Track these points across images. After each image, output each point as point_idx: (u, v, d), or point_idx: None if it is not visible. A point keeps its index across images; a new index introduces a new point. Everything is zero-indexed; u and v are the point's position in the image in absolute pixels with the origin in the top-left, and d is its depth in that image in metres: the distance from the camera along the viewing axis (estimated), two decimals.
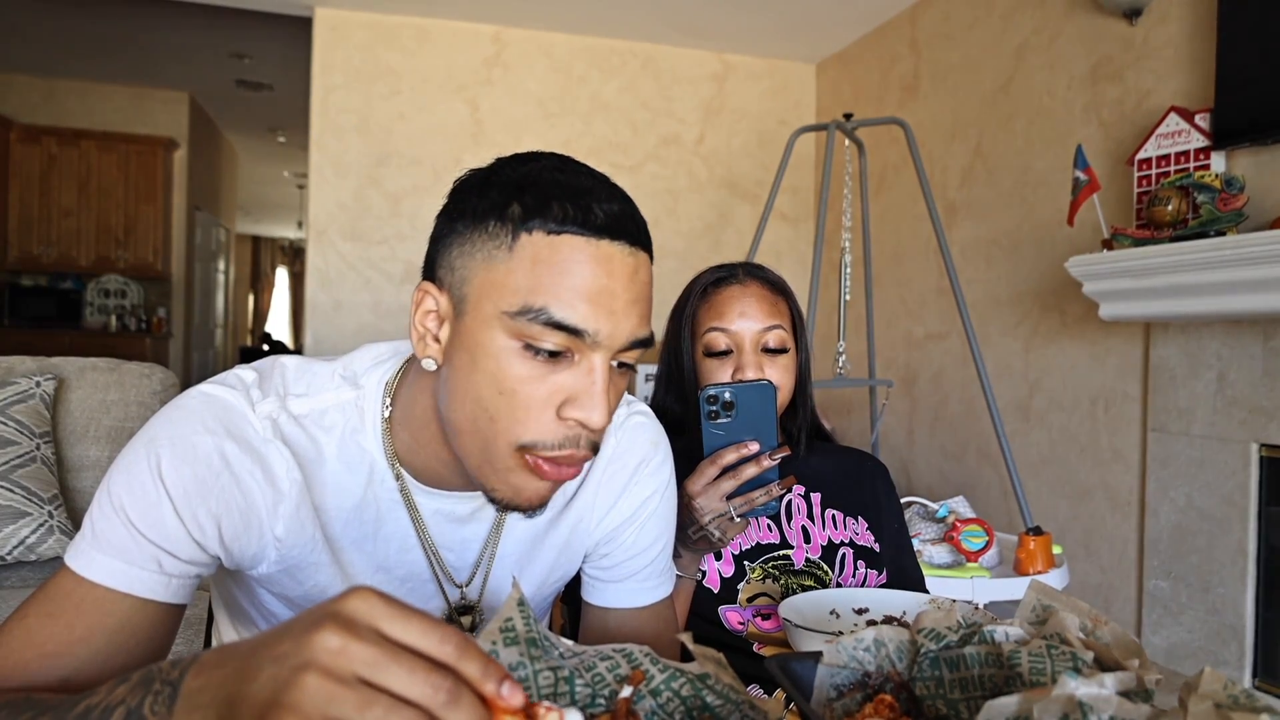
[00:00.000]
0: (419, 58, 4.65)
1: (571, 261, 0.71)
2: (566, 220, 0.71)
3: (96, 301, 7.32)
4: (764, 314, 1.26)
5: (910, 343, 4.28)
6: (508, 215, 0.72)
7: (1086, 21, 3.24)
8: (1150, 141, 2.78)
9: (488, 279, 0.73)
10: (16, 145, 6.91)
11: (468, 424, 0.75)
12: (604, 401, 0.73)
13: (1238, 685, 0.50)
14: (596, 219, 0.72)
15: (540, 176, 0.74)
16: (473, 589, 0.91)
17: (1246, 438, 2.58)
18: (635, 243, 0.75)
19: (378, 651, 0.45)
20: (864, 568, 1.27)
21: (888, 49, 4.52)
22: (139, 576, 0.75)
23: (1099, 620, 0.63)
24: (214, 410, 0.79)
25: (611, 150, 4.91)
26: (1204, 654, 2.69)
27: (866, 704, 0.60)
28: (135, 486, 0.76)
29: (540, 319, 0.70)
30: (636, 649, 0.61)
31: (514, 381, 0.72)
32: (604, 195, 0.75)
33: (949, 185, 3.99)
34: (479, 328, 0.73)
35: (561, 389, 0.73)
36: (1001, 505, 3.61)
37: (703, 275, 1.35)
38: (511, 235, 0.72)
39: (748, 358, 1.24)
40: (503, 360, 0.72)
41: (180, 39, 5.95)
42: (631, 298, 0.74)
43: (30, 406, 2.03)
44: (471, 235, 0.74)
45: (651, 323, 0.78)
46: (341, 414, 0.83)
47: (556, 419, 0.73)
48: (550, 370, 0.72)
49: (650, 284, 0.77)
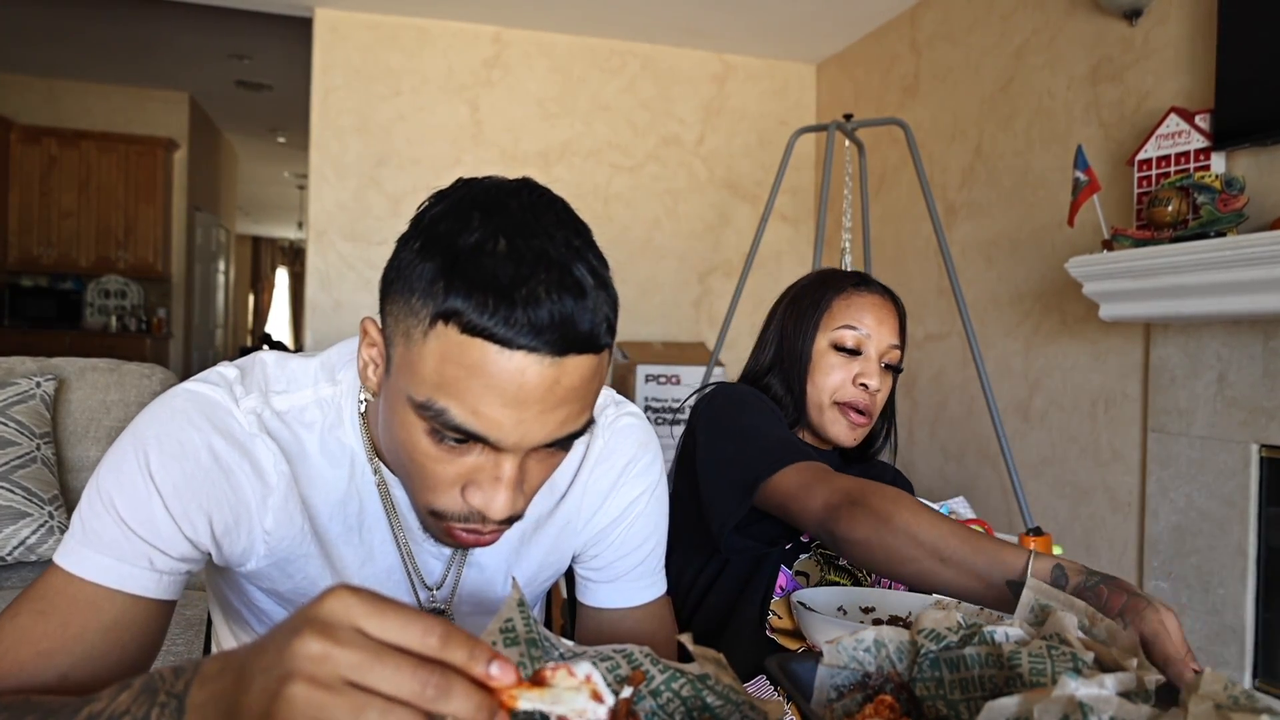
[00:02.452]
0: (419, 58, 4.65)
1: (479, 368, 0.65)
2: (484, 325, 0.65)
3: (97, 302, 7.32)
4: (895, 330, 1.30)
5: (910, 343, 4.27)
6: (431, 294, 0.67)
7: (1086, 22, 3.24)
8: (1150, 142, 2.78)
9: (404, 356, 0.70)
10: (17, 146, 6.91)
11: (393, 459, 0.77)
12: (507, 493, 0.70)
13: (1238, 686, 0.50)
14: (517, 324, 0.64)
15: (480, 252, 0.66)
16: (444, 591, 0.91)
17: (1247, 438, 2.58)
18: (564, 352, 0.66)
19: (360, 653, 0.44)
20: None
21: (888, 49, 4.52)
22: (130, 573, 0.75)
23: (1098, 620, 0.63)
24: (199, 407, 0.79)
25: (611, 151, 4.91)
26: (1204, 654, 2.69)
27: (867, 704, 0.60)
28: (124, 484, 0.76)
29: (440, 420, 0.67)
30: (636, 649, 0.61)
31: (421, 457, 0.71)
32: (542, 290, 0.65)
33: (949, 186, 3.99)
34: (394, 396, 0.71)
35: (466, 471, 0.71)
36: (1002, 506, 3.61)
37: (835, 272, 1.35)
38: (429, 320, 0.67)
39: (873, 365, 1.27)
40: (412, 435, 0.70)
41: (180, 40, 5.95)
42: (548, 407, 0.67)
43: (30, 407, 2.03)
44: (402, 297, 0.70)
45: (592, 409, 0.72)
46: (320, 410, 0.83)
47: (462, 498, 0.72)
48: (458, 454, 0.70)
49: (586, 380, 0.69)
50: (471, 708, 0.44)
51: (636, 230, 4.94)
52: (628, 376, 4.45)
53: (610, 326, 0.71)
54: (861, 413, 1.28)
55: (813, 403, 1.29)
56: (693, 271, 5.04)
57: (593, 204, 4.85)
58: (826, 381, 1.28)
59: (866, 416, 1.28)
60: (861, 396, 1.27)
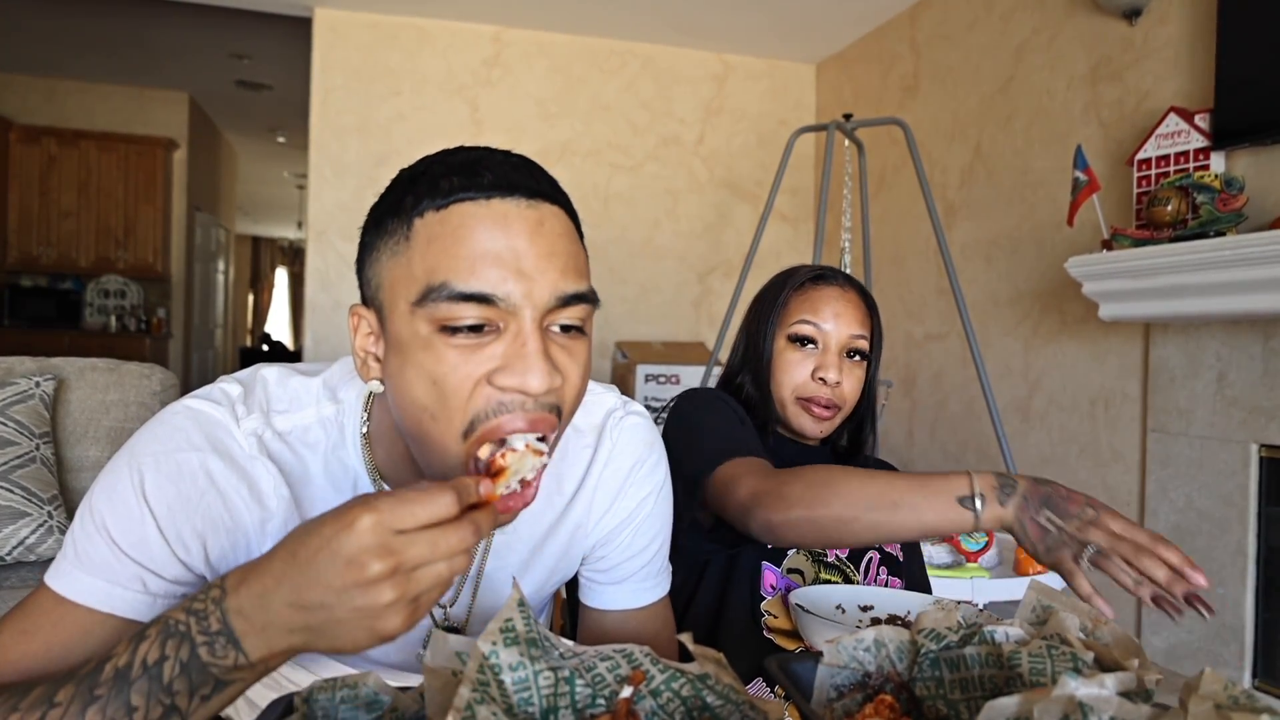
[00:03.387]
0: (419, 58, 4.65)
1: (463, 229, 0.68)
2: (453, 190, 0.69)
3: (96, 302, 7.31)
4: (855, 321, 1.29)
5: (910, 343, 4.29)
6: (402, 208, 0.70)
7: (1086, 22, 3.24)
8: (1150, 142, 2.78)
9: (394, 276, 0.71)
10: (16, 146, 6.90)
11: (416, 429, 0.72)
12: (540, 362, 0.67)
13: (1238, 686, 0.50)
14: (484, 179, 0.69)
15: (430, 165, 0.72)
16: (458, 608, 0.89)
17: (1246, 438, 2.58)
18: (534, 195, 0.70)
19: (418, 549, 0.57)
20: (886, 574, 1.30)
21: (887, 49, 4.52)
22: (122, 596, 0.73)
23: (1098, 620, 0.63)
24: (199, 425, 0.77)
25: (611, 150, 4.91)
26: (1204, 654, 2.69)
27: (867, 704, 0.60)
28: (118, 505, 0.74)
29: (444, 295, 0.67)
30: (637, 649, 0.61)
31: (443, 367, 0.68)
32: (496, 159, 0.72)
33: (949, 185, 3.99)
34: (399, 327, 0.71)
35: (491, 361, 0.68)
36: None
37: (799, 270, 1.35)
38: (407, 225, 0.70)
39: (831, 358, 1.27)
40: (427, 350, 0.69)
41: (180, 39, 5.95)
42: (542, 252, 0.69)
43: (30, 407, 2.03)
44: (377, 243, 0.73)
45: (588, 279, 0.74)
46: (324, 430, 0.82)
47: (491, 388, 0.69)
48: (478, 347, 0.68)
49: (569, 235, 0.73)
50: (490, 524, 0.61)
51: (636, 230, 4.94)
52: (628, 376, 4.45)
53: (575, 211, 0.77)
54: (826, 406, 1.27)
55: (778, 400, 1.29)
56: (692, 271, 5.04)
57: (592, 204, 4.85)
58: (787, 378, 1.28)
59: (831, 410, 1.27)
60: (822, 391, 1.26)
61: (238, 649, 0.59)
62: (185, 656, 0.59)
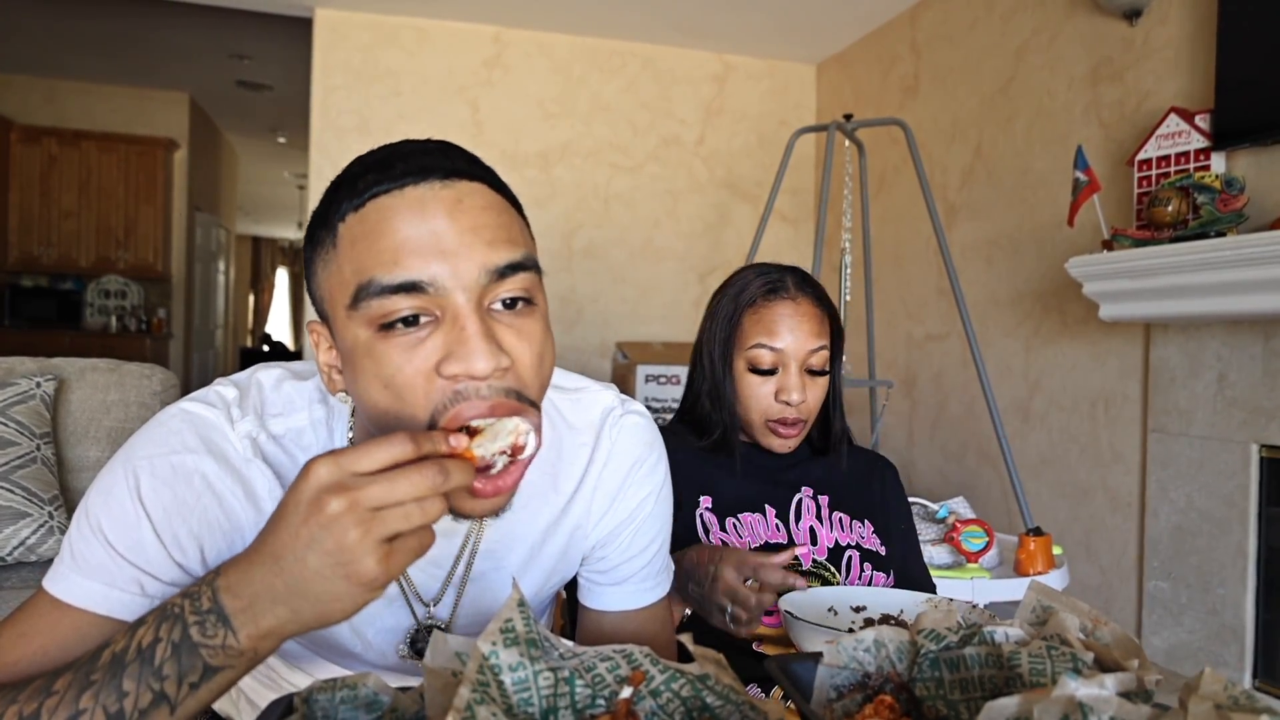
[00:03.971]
0: (419, 59, 4.65)
1: (382, 222, 0.67)
2: (368, 187, 0.68)
3: (97, 302, 7.31)
4: (813, 334, 1.26)
5: (910, 343, 4.28)
6: (328, 217, 0.71)
7: (1086, 22, 3.24)
8: (1150, 142, 2.78)
9: (331, 285, 0.70)
10: (17, 146, 6.90)
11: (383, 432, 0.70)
12: (481, 345, 0.66)
13: (1238, 686, 0.50)
14: (395, 170, 0.68)
15: (350, 168, 0.72)
16: (442, 607, 0.88)
17: (1247, 438, 2.58)
18: (449, 174, 0.69)
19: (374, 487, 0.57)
20: (870, 570, 1.28)
21: (888, 50, 4.52)
22: (119, 599, 0.73)
23: (1099, 621, 0.63)
24: (195, 428, 0.78)
25: (612, 151, 4.91)
26: (1204, 655, 2.69)
27: (866, 705, 0.60)
28: (114, 508, 0.74)
29: (373, 292, 0.66)
30: (636, 650, 0.61)
31: (390, 367, 0.67)
32: (408, 149, 0.71)
33: (949, 186, 3.99)
34: (344, 335, 0.70)
35: (435, 352, 0.67)
36: (1002, 506, 3.61)
37: (749, 281, 1.30)
38: (333, 232, 0.70)
39: (793, 379, 1.25)
40: (371, 354, 0.68)
41: (180, 40, 5.95)
42: (463, 228, 0.68)
43: (30, 407, 2.03)
44: (314, 257, 0.73)
45: (526, 247, 0.72)
46: (315, 433, 0.82)
47: (442, 380, 0.67)
48: (419, 341, 0.67)
49: (493, 206, 0.71)
50: (463, 475, 0.60)
51: (636, 230, 4.94)
52: (628, 376, 4.45)
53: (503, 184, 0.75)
54: (793, 424, 1.27)
55: (745, 421, 1.29)
56: (693, 272, 5.04)
57: (593, 204, 4.85)
58: (753, 403, 1.26)
59: (798, 425, 1.27)
60: (787, 411, 1.25)
61: (227, 626, 0.60)
62: (177, 637, 0.60)
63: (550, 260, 4.79)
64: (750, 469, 1.30)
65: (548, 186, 4.79)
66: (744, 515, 1.27)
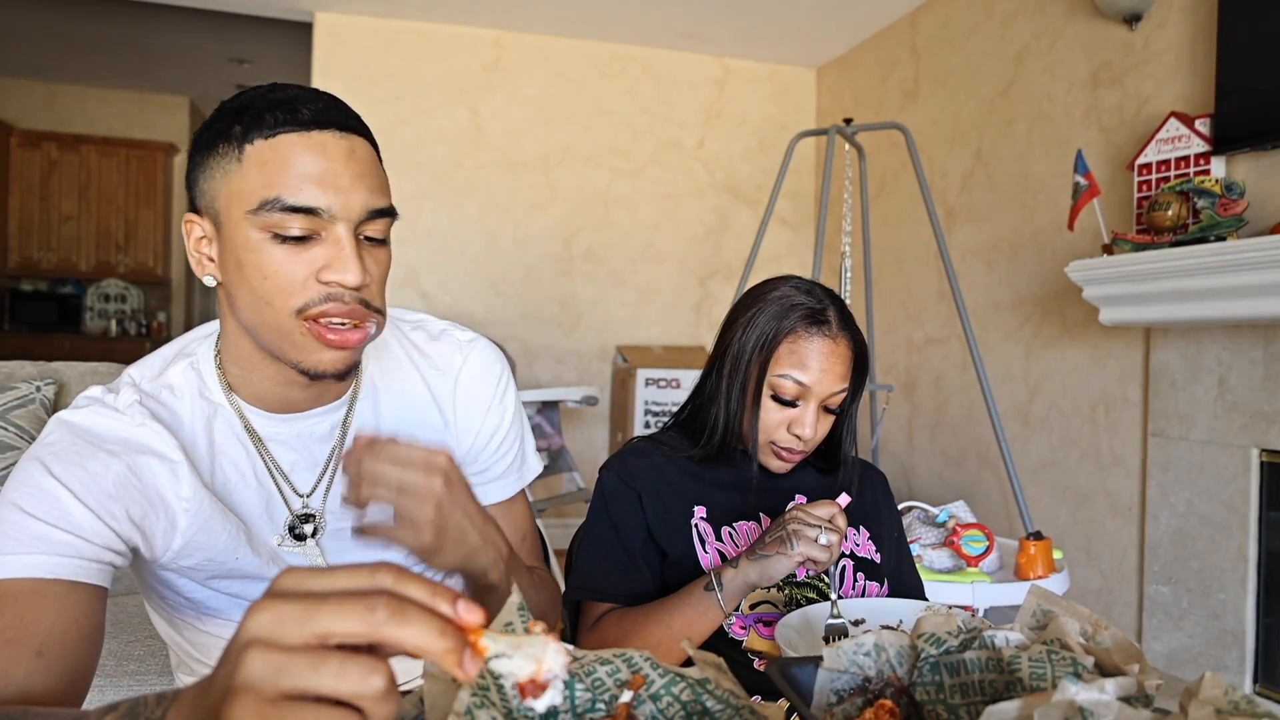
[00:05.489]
0: (419, 63, 4.65)
1: (290, 155, 0.82)
2: (278, 124, 0.83)
3: (97, 306, 7.32)
4: (841, 376, 1.25)
5: (910, 347, 4.28)
6: (231, 135, 0.84)
7: (1086, 26, 3.24)
8: (1150, 146, 2.78)
9: (228, 190, 0.84)
10: (17, 150, 6.91)
11: (255, 317, 0.86)
12: (355, 264, 0.83)
13: (1238, 691, 0.50)
14: (303, 115, 0.83)
15: (253, 99, 0.85)
16: (315, 497, 0.98)
17: (1247, 443, 2.58)
18: (345, 128, 0.86)
19: (308, 604, 0.42)
20: (863, 579, 1.28)
21: (888, 54, 4.53)
22: (60, 562, 0.79)
23: (1099, 625, 0.62)
24: (76, 432, 0.87)
25: (612, 155, 4.91)
26: (1204, 659, 2.68)
27: (867, 709, 0.60)
28: (31, 489, 0.81)
29: (276, 208, 0.81)
30: (636, 654, 0.61)
31: (273, 265, 0.83)
32: (309, 98, 0.86)
33: (949, 190, 3.99)
34: (234, 233, 0.84)
35: (316, 261, 0.83)
36: (1002, 510, 3.61)
37: (794, 302, 1.26)
38: (238, 149, 0.83)
39: (810, 415, 1.24)
40: (260, 251, 0.83)
41: (180, 44, 5.96)
42: (354, 174, 0.84)
43: (30, 411, 2.03)
44: (207, 162, 0.86)
45: (390, 197, 0.89)
46: (184, 378, 0.94)
47: (317, 284, 0.84)
48: (303, 250, 0.83)
49: (373, 160, 0.88)
50: (434, 633, 0.42)
51: (637, 234, 4.94)
52: (628, 380, 4.45)
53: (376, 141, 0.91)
54: (797, 452, 1.26)
55: (749, 435, 1.27)
56: (693, 275, 5.04)
57: (593, 208, 4.85)
58: (763, 425, 1.25)
59: (799, 455, 1.27)
60: (795, 443, 1.24)
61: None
62: None
63: (550, 264, 4.80)
64: (743, 478, 1.30)
65: (548, 190, 4.79)
66: (739, 524, 1.27)
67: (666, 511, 1.25)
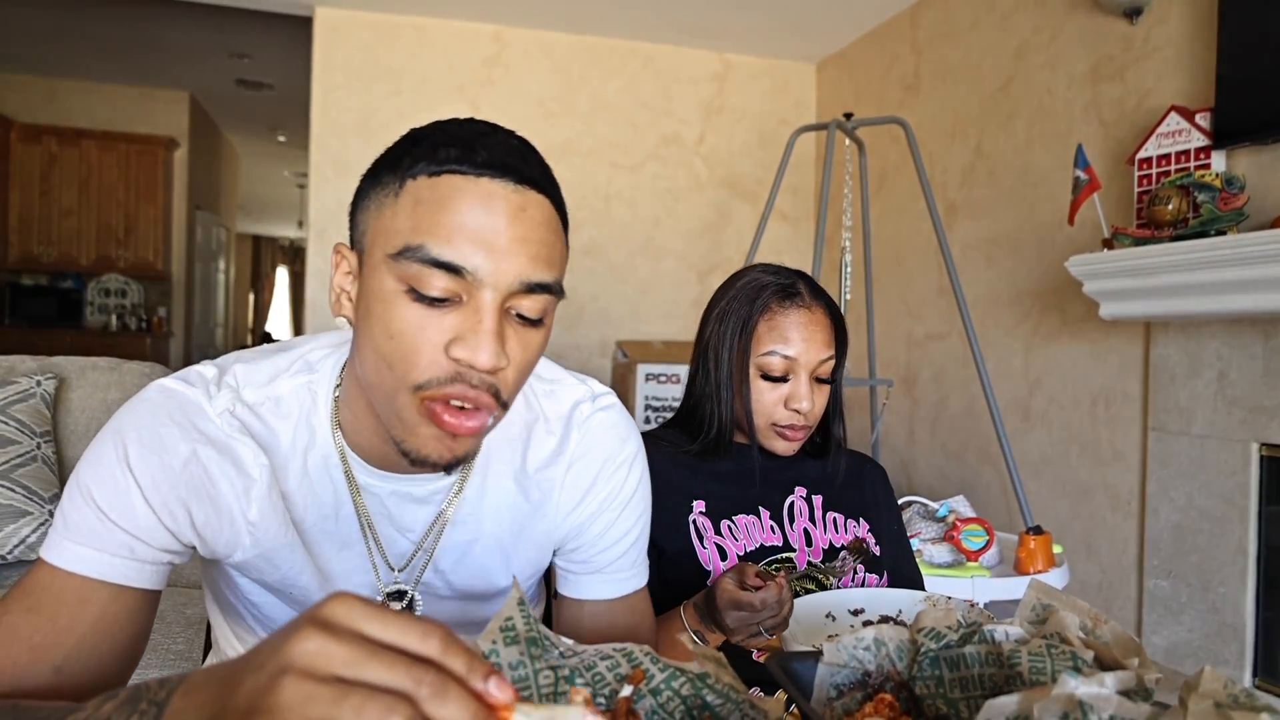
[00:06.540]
0: (419, 57, 4.65)
1: (450, 199, 0.71)
2: (447, 160, 0.72)
3: (97, 301, 7.32)
4: (825, 343, 1.25)
5: (910, 342, 4.28)
6: (399, 166, 0.75)
7: (1087, 21, 3.24)
8: (1150, 141, 2.78)
9: (378, 226, 0.74)
10: (17, 145, 6.91)
11: (373, 375, 0.75)
12: (491, 342, 0.71)
13: (1238, 684, 0.50)
14: (478, 157, 0.72)
15: (436, 130, 0.76)
16: (408, 574, 0.90)
17: (1247, 437, 2.58)
18: (523, 181, 0.73)
19: (356, 650, 0.43)
20: (864, 571, 1.28)
21: (888, 48, 4.52)
22: (112, 564, 0.76)
23: (1099, 619, 0.63)
24: (177, 404, 0.81)
25: (612, 150, 4.91)
26: (1204, 653, 2.69)
27: (866, 703, 0.60)
28: (104, 476, 0.77)
29: (418, 256, 0.70)
30: (636, 648, 0.61)
31: (401, 324, 0.72)
32: (496, 139, 0.75)
33: (949, 185, 3.99)
34: (372, 275, 0.74)
35: (449, 330, 0.71)
36: (1002, 504, 3.62)
37: (762, 284, 1.28)
38: (399, 182, 0.74)
39: (803, 388, 1.24)
40: (391, 304, 0.72)
41: (181, 39, 5.95)
42: (517, 235, 0.72)
43: (31, 406, 2.03)
44: (371, 192, 0.77)
45: (559, 271, 0.76)
46: (296, 399, 0.85)
47: (446, 359, 0.72)
48: (439, 315, 0.71)
49: (549, 225, 0.75)
50: (468, 716, 0.43)
51: (636, 229, 4.94)
52: (628, 375, 4.45)
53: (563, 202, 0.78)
54: (799, 428, 1.26)
55: (748, 423, 1.28)
56: (693, 270, 5.04)
57: (593, 203, 4.85)
58: (760, 408, 1.26)
59: (804, 430, 1.27)
60: (795, 418, 1.25)
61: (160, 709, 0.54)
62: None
63: None
64: (742, 471, 1.30)
65: None
66: (738, 518, 1.27)
67: (663, 509, 1.25)
